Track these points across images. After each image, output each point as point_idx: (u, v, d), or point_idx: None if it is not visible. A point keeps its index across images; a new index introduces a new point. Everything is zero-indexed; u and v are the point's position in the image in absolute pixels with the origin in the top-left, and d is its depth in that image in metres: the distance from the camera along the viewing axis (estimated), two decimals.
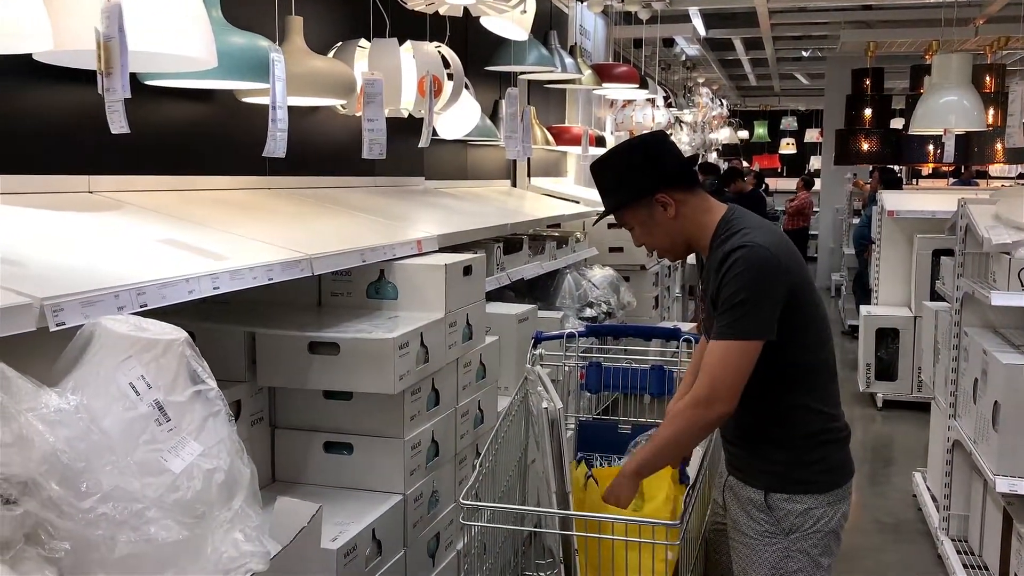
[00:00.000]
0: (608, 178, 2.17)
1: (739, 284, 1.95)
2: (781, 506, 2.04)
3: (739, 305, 1.95)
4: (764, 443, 2.09)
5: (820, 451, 2.07)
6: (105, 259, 1.71)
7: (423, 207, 3.58)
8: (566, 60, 4.90)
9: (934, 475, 4.34)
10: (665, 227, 2.13)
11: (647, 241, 2.19)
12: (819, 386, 2.09)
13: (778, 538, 2.04)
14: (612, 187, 2.17)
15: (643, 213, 2.13)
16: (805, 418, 2.06)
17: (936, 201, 6.14)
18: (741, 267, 1.96)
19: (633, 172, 2.12)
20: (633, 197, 2.12)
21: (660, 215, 2.11)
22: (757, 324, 1.96)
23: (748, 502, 2.09)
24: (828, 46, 11.50)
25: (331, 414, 2.31)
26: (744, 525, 2.09)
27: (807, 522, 2.04)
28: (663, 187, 2.10)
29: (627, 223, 2.19)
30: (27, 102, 2.05)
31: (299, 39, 2.52)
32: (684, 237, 2.14)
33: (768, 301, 1.97)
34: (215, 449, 1.35)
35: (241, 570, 1.31)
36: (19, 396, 1.21)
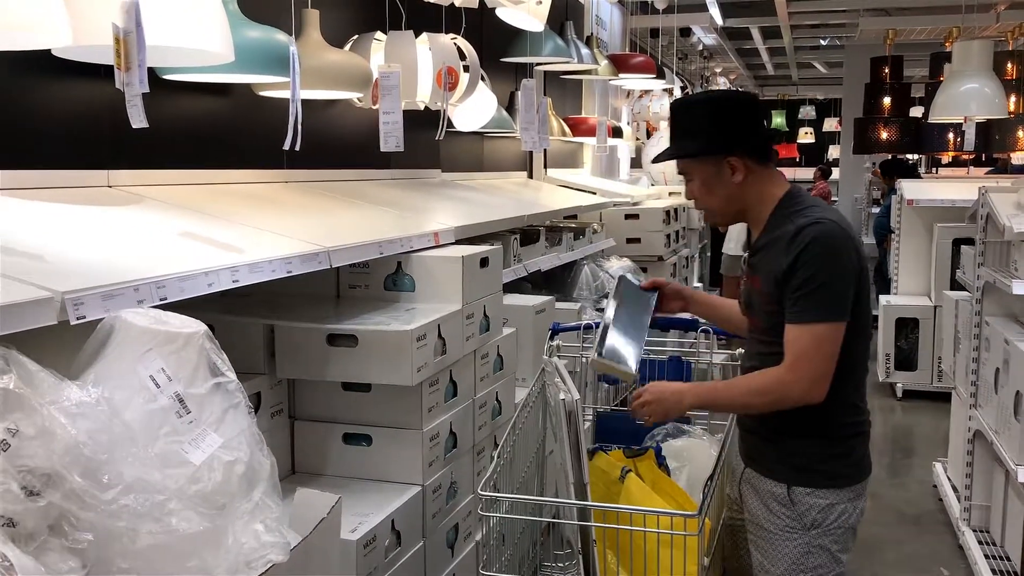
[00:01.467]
0: (686, 122, 2.08)
1: (819, 265, 1.89)
2: (803, 500, 2.01)
3: (822, 286, 1.89)
4: (792, 435, 2.03)
5: (846, 444, 2.03)
6: (125, 253, 1.73)
7: (440, 199, 3.59)
8: (582, 51, 4.89)
9: (955, 465, 4.31)
10: (726, 190, 2.05)
11: (702, 198, 2.10)
12: (857, 378, 2.05)
13: (799, 533, 2.01)
14: (687, 134, 2.07)
15: (710, 169, 2.05)
16: (840, 411, 2.02)
17: (956, 190, 6.08)
18: (818, 247, 1.90)
19: (713, 126, 2.04)
20: (705, 151, 2.04)
21: (726, 177, 2.03)
22: (841, 304, 1.92)
23: (769, 496, 2.05)
24: (846, 34, 11.40)
25: (350, 406, 2.31)
26: (764, 519, 2.06)
27: (829, 517, 2.00)
28: (738, 151, 2.02)
29: (688, 173, 2.10)
30: (46, 97, 2.06)
31: (315, 32, 2.52)
32: (741, 205, 2.07)
33: (841, 283, 1.92)
34: (235, 441, 1.36)
35: (261, 561, 1.32)
36: (41, 389, 1.22)
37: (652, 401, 2.08)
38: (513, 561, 2.34)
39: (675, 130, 2.11)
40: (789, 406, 1.97)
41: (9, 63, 1.92)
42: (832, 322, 1.91)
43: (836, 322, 1.92)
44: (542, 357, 2.61)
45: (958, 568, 3.79)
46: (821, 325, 1.91)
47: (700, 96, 2.23)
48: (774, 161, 2.13)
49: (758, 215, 2.06)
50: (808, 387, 1.93)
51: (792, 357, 1.93)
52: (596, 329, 2.94)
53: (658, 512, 2.01)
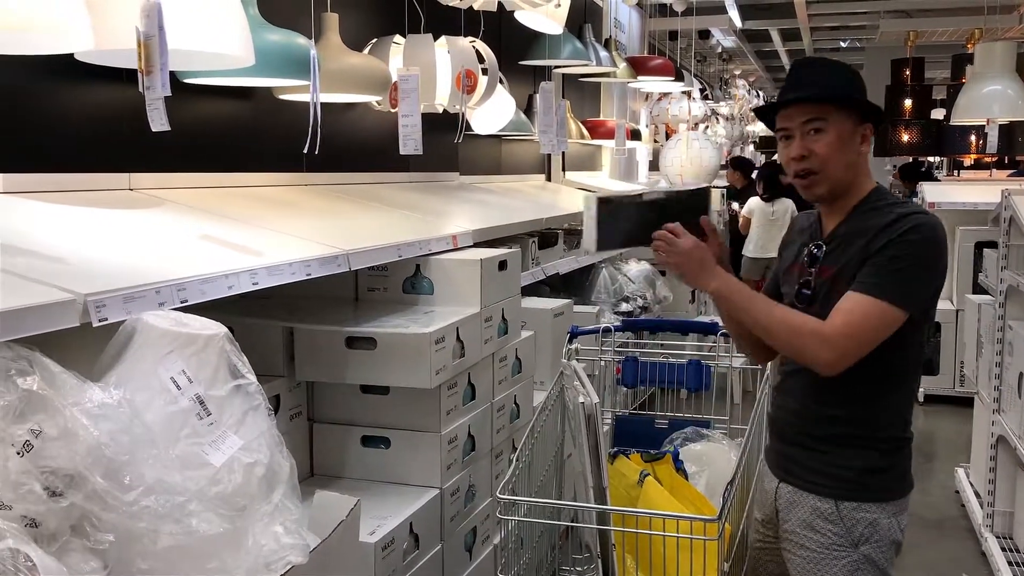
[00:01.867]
0: (830, 71, 1.93)
1: (913, 248, 1.80)
2: (851, 515, 1.90)
3: (903, 269, 1.80)
4: (844, 446, 1.92)
5: (894, 457, 1.94)
6: (146, 256, 1.74)
7: (458, 202, 3.59)
8: (601, 53, 4.88)
9: (977, 470, 4.27)
10: (851, 157, 1.90)
11: (827, 154, 1.88)
12: (909, 389, 1.96)
13: (847, 550, 1.90)
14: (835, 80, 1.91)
15: (848, 127, 1.88)
16: (892, 421, 1.93)
17: (978, 192, 6.03)
18: (919, 234, 1.81)
19: (859, 87, 1.92)
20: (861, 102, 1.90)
21: (856, 143, 1.90)
22: (909, 293, 1.80)
23: (813, 513, 1.93)
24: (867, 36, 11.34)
25: (368, 408, 2.32)
26: (807, 539, 1.94)
27: (876, 532, 1.90)
28: (872, 122, 1.91)
29: (824, 120, 1.87)
30: (68, 101, 2.08)
31: (335, 36, 2.53)
32: (850, 178, 1.91)
33: (927, 277, 1.83)
34: (255, 443, 1.37)
35: (281, 563, 1.33)
36: (64, 391, 1.23)
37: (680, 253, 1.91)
38: (531, 565, 2.34)
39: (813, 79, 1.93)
40: (804, 360, 1.85)
41: (32, 67, 1.94)
42: (894, 305, 1.79)
43: (898, 307, 1.79)
44: (560, 360, 2.60)
45: (981, 574, 3.75)
46: (883, 302, 1.78)
47: (836, 60, 2.03)
48: None
49: (845, 201, 1.94)
50: (834, 355, 1.80)
51: (838, 318, 1.80)
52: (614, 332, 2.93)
53: (677, 516, 1.99)
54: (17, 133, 1.96)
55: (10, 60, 1.76)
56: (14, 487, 1.13)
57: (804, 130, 1.89)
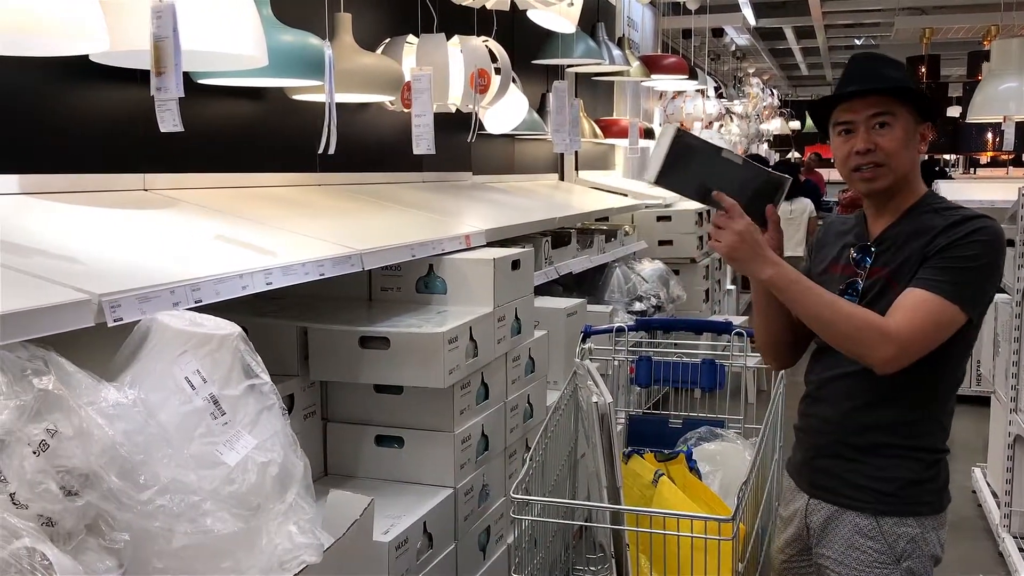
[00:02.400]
0: (892, 68, 1.89)
1: (980, 250, 1.75)
2: (892, 531, 1.85)
3: (971, 271, 1.75)
4: (886, 456, 1.86)
5: (934, 469, 1.89)
6: (160, 256, 1.74)
7: (471, 202, 3.59)
8: (614, 52, 4.87)
9: (994, 470, 4.23)
10: (912, 153, 1.86)
11: (893, 149, 1.83)
12: (952, 399, 1.91)
13: (889, 567, 1.85)
14: (903, 78, 1.89)
15: (911, 124, 1.85)
16: (933, 431, 1.88)
17: (995, 190, 5.98)
18: (987, 236, 1.76)
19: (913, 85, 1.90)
20: (925, 100, 1.88)
21: (916, 141, 1.86)
22: (973, 297, 1.76)
23: (852, 530, 1.88)
24: (882, 33, 11.27)
25: (382, 408, 2.32)
26: (848, 557, 1.88)
27: (918, 547, 1.85)
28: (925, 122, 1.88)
29: (893, 115, 1.83)
30: (83, 102, 2.09)
31: (348, 36, 2.53)
32: (908, 175, 1.87)
33: (992, 282, 1.79)
34: (269, 442, 1.37)
35: (295, 562, 1.33)
36: (79, 390, 1.24)
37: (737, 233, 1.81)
38: (545, 564, 2.34)
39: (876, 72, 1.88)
40: (863, 355, 1.77)
41: (47, 68, 1.95)
42: (961, 307, 1.74)
43: (963, 309, 1.75)
44: (574, 360, 2.60)
45: (998, 575, 3.72)
46: (948, 302, 1.73)
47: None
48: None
49: (899, 202, 1.89)
50: (896, 351, 1.73)
51: (901, 315, 1.74)
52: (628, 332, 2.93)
53: (692, 516, 1.99)
54: (32, 134, 1.98)
55: (26, 61, 1.77)
56: (30, 486, 1.14)
57: (870, 124, 1.83)
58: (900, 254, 1.84)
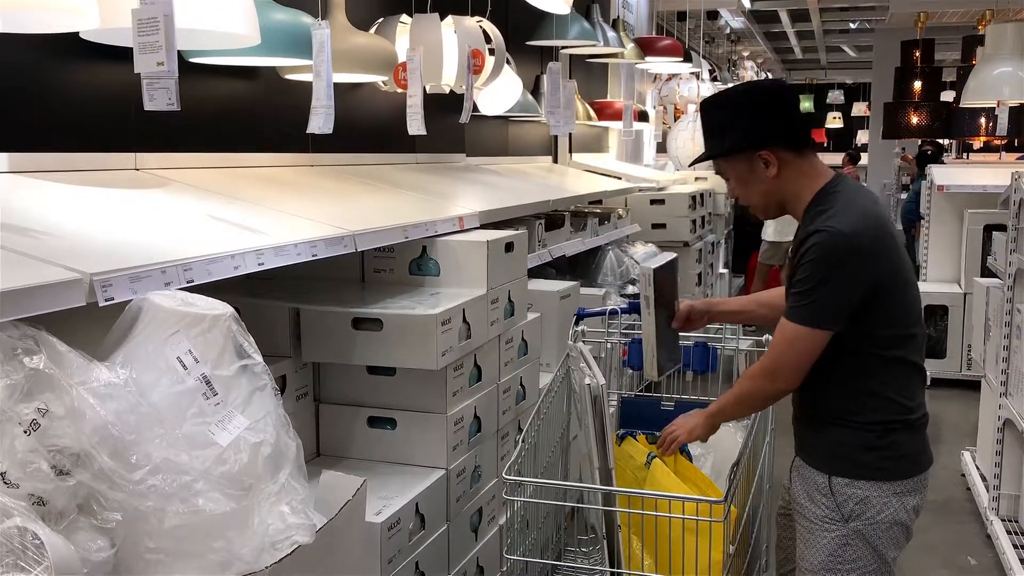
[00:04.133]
0: (715, 121, 2.09)
1: (812, 270, 1.90)
2: (842, 491, 1.99)
3: (809, 292, 1.91)
4: (832, 425, 2.03)
5: (890, 437, 1.99)
6: (152, 235, 1.74)
7: (464, 183, 3.58)
8: (608, 34, 4.85)
9: (984, 454, 4.26)
10: (762, 185, 2.04)
11: (741, 195, 2.11)
12: (897, 377, 2.00)
13: (837, 524, 1.99)
14: (717, 132, 2.08)
15: (743, 166, 2.05)
16: (878, 406, 1.99)
17: (987, 175, 6.00)
18: (816, 253, 1.90)
19: (742, 121, 2.03)
20: (736, 148, 2.04)
21: (760, 171, 2.03)
22: (823, 314, 1.92)
23: (812, 485, 2.04)
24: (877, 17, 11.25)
25: (375, 389, 2.32)
26: (806, 509, 2.05)
27: (868, 510, 1.97)
28: (770, 144, 2.01)
29: (724, 173, 2.12)
30: (74, 80, 2.08)
31: (341, 15, 2.51)
32: (779, 198, 2.07)
33: (838, 292, 1.90)
34: (261, 423, 1.37)
35: (287, 542, 1.33)
36: (70, 370, 1.24)
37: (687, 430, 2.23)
38: (536, 545, 2.35)
39: (706, 130, 2.12)
40: (771, 399, 2.12)
41: (38, 46, 1.93)
42: (812, 327, 1.93)
43: (816, 328, 1.93)
44: (566, 342, 2.60)
45: (985, 557, 3.75)
46: (802, 328, 1.94)
47: (727, 92, 2.18)
48: (813, 147, 2.10)
49: (796, 209, 2.06)
50: (773, 379, 2.02)
51: (771, 345, 2.03)
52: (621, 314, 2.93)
53: (684, 498, 2.00)
54: (23, 112, 1.96)
55: (16, 39, 1.75)
56: (21, 465, 1.13)
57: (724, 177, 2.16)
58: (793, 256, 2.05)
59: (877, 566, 1.99)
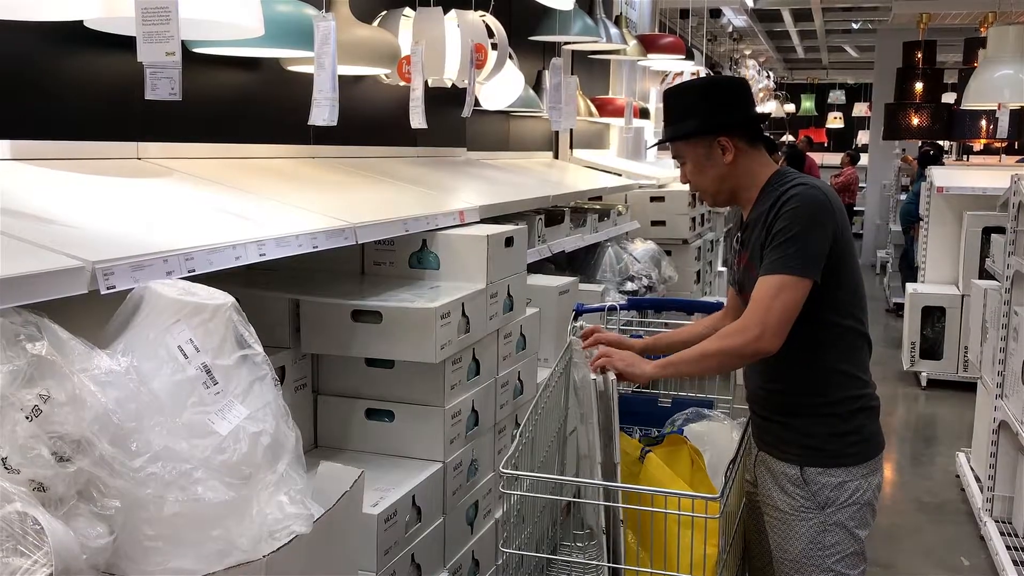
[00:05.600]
0: (677, 107, 2.17)
1: (793, 219, 1.96)
2: (816, 480, 2.05)
3: (792, 240, 1.95)
4: (801, 415, 2.09)
5: (855, 420, 2.07)
6: (154, 225, 1.74)
7: (465, 178, 3.58)
8: (611, 30, 4.85)
9: (978, 455, 4.27)
10: (717, 170, 2.12)
11: (694, 180, 2.17)
12: (853, 350, 2.09)
13: (814, 512, 2.05)
14: (678, 117, 2.15)
15: (700, 151, 2.12)
16: (841, 383, 2.07)
17: (987, 177, 6.00)
18: (796, 203, 1.97)
19: (704, 108, 2.12)
20: (696, 131, 2.11)
21: (716, 157, 2.11)
22: (808, 262, 1.95)
23: (783, 477, 2.09)
24: (879, 18, 11.24)
25: (373, 381, 2.33)
26: (779, 501, 2.10)
27: (842, 495, 2.04)
28: (728, 132, 2.10)
29: (681, 156, 2.18)
30: (78, 69, 2.08)
31: (344, 8, 2.51)
32: (732, 185, 2.14)
33: (818, 240, 1.97)
34: (261, 413, 1.37)
35: (285, 532, 1.34)
36: (72, 357, 1.24)
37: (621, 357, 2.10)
38: (532, 540, 2.35)
39: (668, 115, 2.20)
40: (745, 357, 2.01)
41: (41, 33, 1.93)
42: (796, 275, 1.94)
43: (800, 276, 1.94)
44: (565, 338, 2.61)
45: (978, 558, 3.77)
46: (786, 276, 1.94)
47: (691, 82, 2.28)
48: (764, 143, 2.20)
49: (748, 195, 2.13)
50: (759, 334, 1.94)
51: (750, 305, 1.98)
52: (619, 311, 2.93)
53: (681, 494, 2.00)
54: (26, 100, 1.96)
55: (19, 26, 1.75)
56: (22, 451, 1.14)
57: (679, 162, 2.20)
58: (751, 239, 2.09)
59: (855, 548, 2.06)
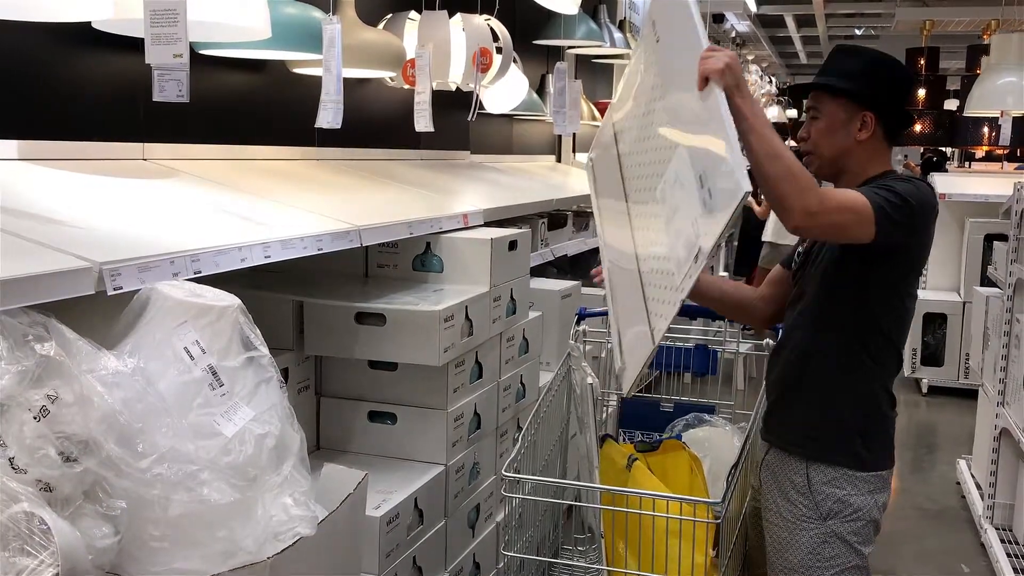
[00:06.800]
0: (844, 63, 2.10)
1: (902, 188, 1.92)
2: (821, 490, 2.01)
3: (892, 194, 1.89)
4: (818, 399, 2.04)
5: (873, 426, 2.04)
6: (160, 226, 1.74)
7: (469, 181, 3.59)
8: (615, 35, 4.85)
9: (979, 462, 4.28)
10: (844, 141, 2.05)
11: (817, 138, 2.07)
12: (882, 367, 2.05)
13: (816, 523, 2.02)
14: (840, 73, 2.08)
15: (842, 114, 2.05)
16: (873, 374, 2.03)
17: (989, 184, 6.01)
18: (907, 186, 1.94)
19: (870, 77, 2.06)
20: (851, 92, 2.04)
21: (852, 128, 2.04)
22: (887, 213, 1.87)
23: (788, 484, 2.06)
24: (882, 24, 11.25)
25: (376, 384, 2.33)
26: (782, 508, 2.07)
27: (846, 508, 2.01)
28: (877, 111, 2.04)
29: (817, 110, 2.08)
30: (85, 70, 2.08)
31: (350, 10, 2.52)
32: (847, 163, 2.07)
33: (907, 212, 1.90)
34: (266, 414, 1.38)
35: (289, 533, 1.34)
36: (79, 358, 1.24)
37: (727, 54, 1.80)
38: (533, 543, 2.36)
39: (829, 67, 2.12)
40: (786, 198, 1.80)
41: (49, 34, 1.94)
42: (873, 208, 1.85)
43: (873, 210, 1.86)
44: (567, 342, 2.61)
45: (979, 566, 3.77)
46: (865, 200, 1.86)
47: (870, 49, 2.17)
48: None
49: (851, 182, 2.05)
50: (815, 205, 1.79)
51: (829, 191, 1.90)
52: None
53: (681, 499, 2.01)
54: (33, 100, 1.97)
55: (27, 27, 1.76)
56: (30, 451, 1.14)
57: (809, 115, 2.12)
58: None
59: (856, 562, 2.03)
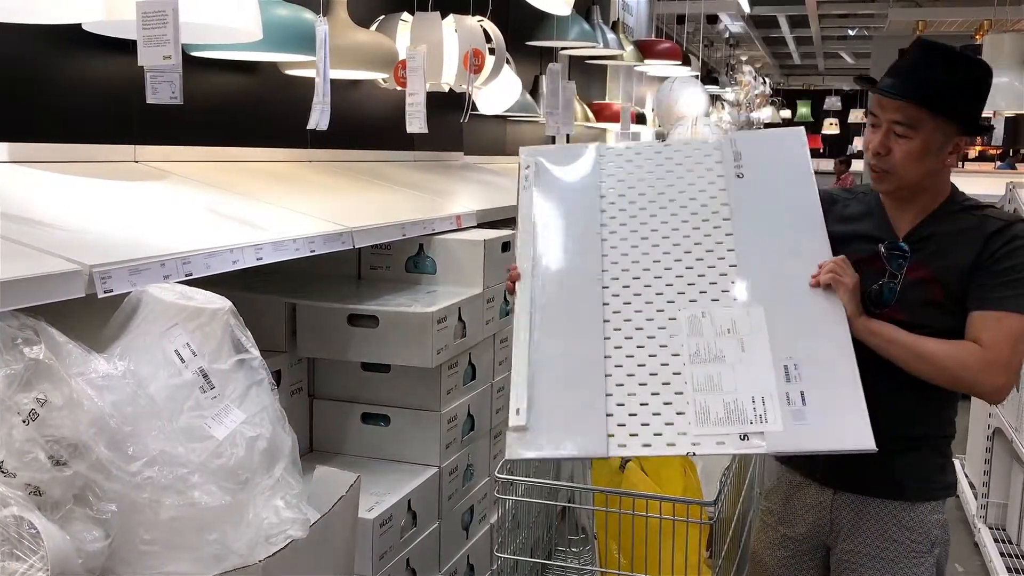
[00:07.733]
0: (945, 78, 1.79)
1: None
2: (927, 518, 1.88)
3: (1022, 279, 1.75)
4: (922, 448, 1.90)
5: (947, 452, 1.94)
6: (151, 228, 1.74)
7: (462, 182, 3.58)
8: (608, 36, 4.86)
9: (973, 462, 4.29)
10: (933, 164, 1.81)
11: (903, 160, 1.79)
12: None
13: (926, 555, 1.89)
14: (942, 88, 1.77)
15: (939, 136, 1.78)
16: (951, 419, 1.94)
17: (981, 185, 6.02)
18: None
19: (976, 100, 1.82)
20: (964, 121, 1.80)
21: (944, 153, 1.80)
22: None
23: (890, 520, 1.89)
24: (875, 25, 11.29)
25: (369, 386, 2.33)
26: (883, 548, 1.90)
27: (945, 533, 1.91)
28: (972, 134, 1.85)
29: (912, 128, 1.78)
30: (76, 71, 2.08)
31: (343, 12, 2.52)
32: (927, 185, 1.84)
33: None
34: (258, 417, 1.37)
35: (281, 536, 1.34)
36: (69, 361, 1.24)
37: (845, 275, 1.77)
38: (527, 545, 2.36)
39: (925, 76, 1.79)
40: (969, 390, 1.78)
41: (40, 36, 1.93)
42: None
43: None
44: None
45: (973, 565, 3.77)
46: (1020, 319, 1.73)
47: (965, 55, 1.86)
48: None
49: (926, 202, 1.86)
50: (1005, 377, 1.73)
51: (995, 340, 1.73)
52: None
53: (674, 500, 2.01)
54: (24, 102, 1.96)
55: (18, 29, 1.75)
56: (19, 455, 1.14)
57: (892, 127, 1.79)
58: (947, 257, 1.81)
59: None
